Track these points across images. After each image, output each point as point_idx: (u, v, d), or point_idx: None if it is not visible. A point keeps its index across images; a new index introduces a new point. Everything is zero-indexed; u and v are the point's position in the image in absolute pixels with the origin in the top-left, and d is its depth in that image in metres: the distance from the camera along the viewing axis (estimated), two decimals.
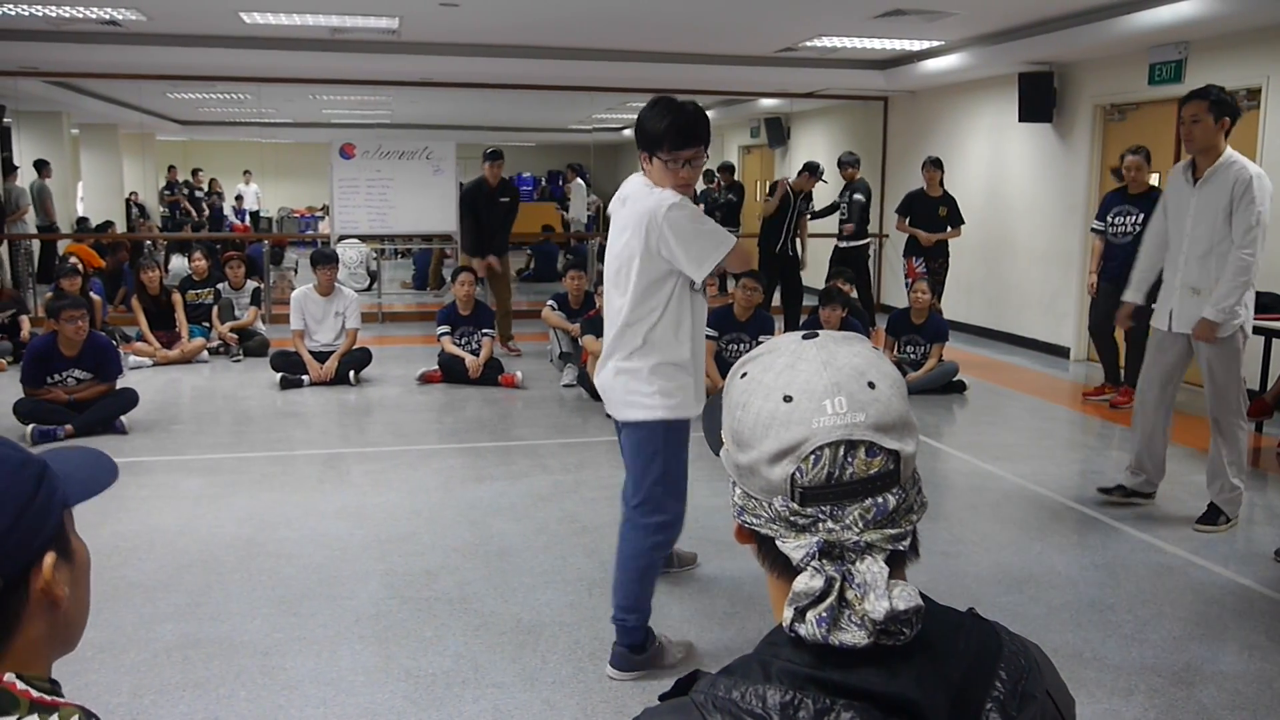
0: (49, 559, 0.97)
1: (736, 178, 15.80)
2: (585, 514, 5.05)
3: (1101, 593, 4.15)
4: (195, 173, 21.32)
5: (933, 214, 9.42)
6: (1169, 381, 4.99)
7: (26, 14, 8.61)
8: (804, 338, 0.98)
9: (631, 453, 3.44)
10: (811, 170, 9.98)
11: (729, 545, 4.55)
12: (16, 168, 13.21)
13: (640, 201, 3.27)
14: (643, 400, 3.34)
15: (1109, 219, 7.50)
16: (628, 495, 3.49)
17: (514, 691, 3.28)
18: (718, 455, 1.04)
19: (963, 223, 9.52)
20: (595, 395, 7.51)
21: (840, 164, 10.57)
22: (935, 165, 9.47)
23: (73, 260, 10.75)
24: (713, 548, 4.57)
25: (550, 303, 8.58)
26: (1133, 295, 5.11)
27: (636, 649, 3.43)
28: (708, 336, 7.44)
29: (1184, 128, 4.71)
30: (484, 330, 8.32)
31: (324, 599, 4.00)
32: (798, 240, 10.03)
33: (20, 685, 0.93)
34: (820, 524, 0.90)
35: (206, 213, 19.84)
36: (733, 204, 14.51)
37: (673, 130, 3.20)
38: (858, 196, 10.39)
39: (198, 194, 20.37)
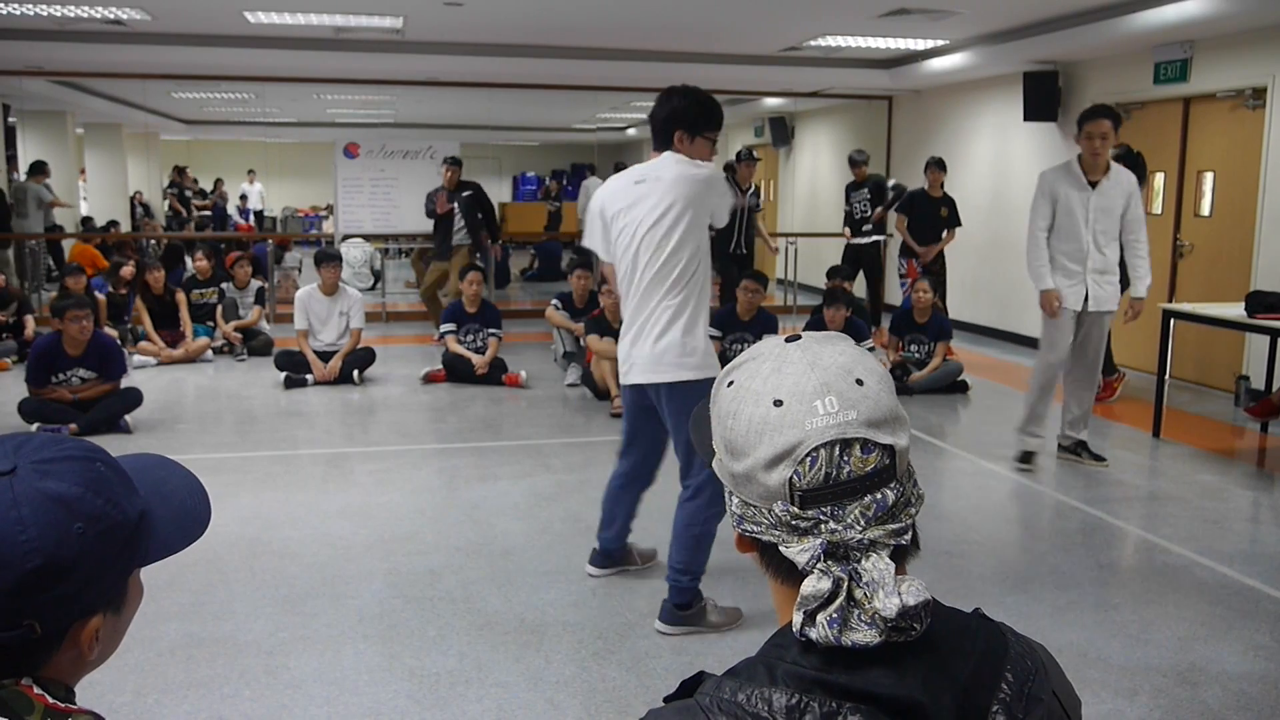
0: (94, 622, 0.98)
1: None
2: (589, 513, 5.04)
3: (1106, 592, 4.14)
4: (182, 171, 21.21)
5: (934, 215, 9.41)
6: (1067, 353, 5.77)
7: (31, 13, 8.62)
8: (786, 341, 0.97)
9: (683, 417, 3.60)
10: (746, 158, 9.87)
11: (731, 547, 4.54)
12: (43, 164, 13.23)
13: (683, 168, 3.63)
14: (692, 360, 3.63)
15: None
16: (686, 471, 3.75)
17: (517, 691, 3.28)
18: (709, 466, 1.03)
19: (960, 225, 9.51)
20: (599, 394, 7.51)
21: (851, 162, 10.49)
22: (938, 166, 9.45)
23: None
24: (716, 549, 4.55)
25: (554, 302, 8.57)
26: (1050, 282, 5.65)
27: (683, 606, 3.68)
28: (710, 337, 7.47)
29: (1091, 143, 5.43)
30: (490, 329, 8.32)
31: (328, 598, 4.00)
32: (752, 240, 9.88)
33: (36, 690, 0.93)
34: (822, 525, 0.89)
35: (194, 213, 19.75)
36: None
37: (718, 113, 3.79)
38: (890, 185, 10.40)
39: (186, 193, 20.31)
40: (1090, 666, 3.48)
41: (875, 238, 10.49)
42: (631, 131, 22.79)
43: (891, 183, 10.56)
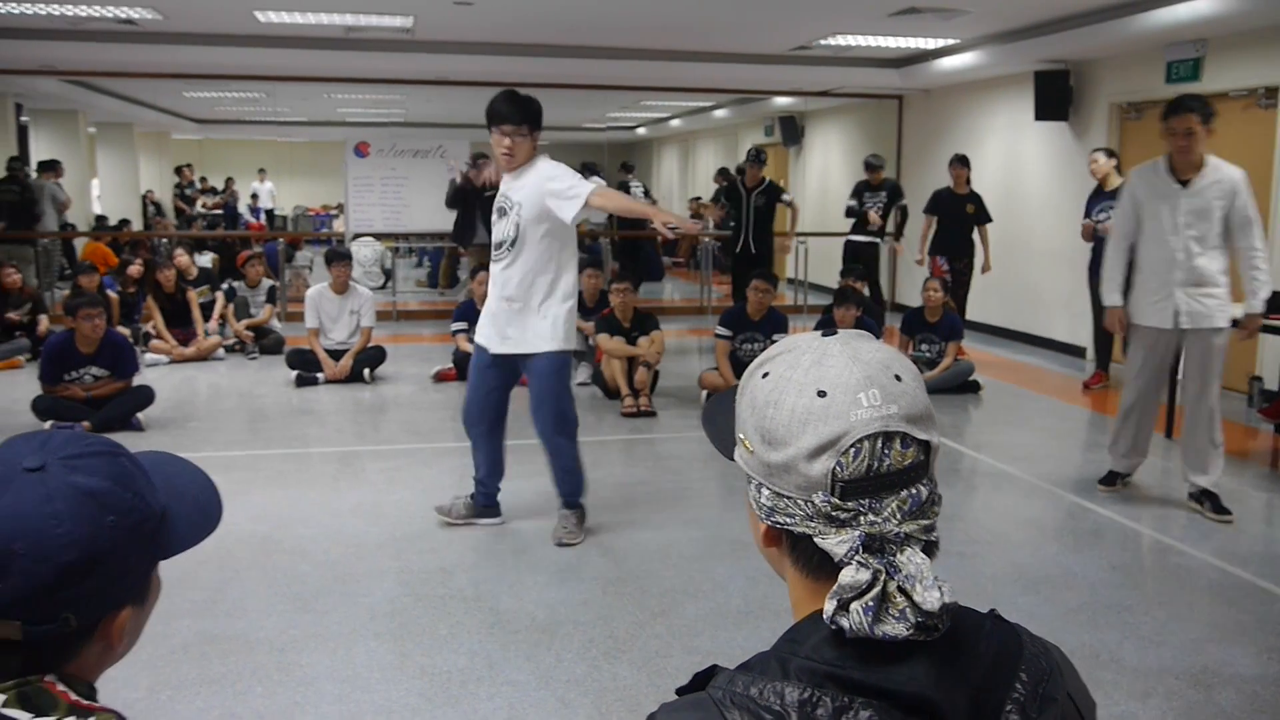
0: (124, 615, 1.00)
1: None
2: (599, 512, 5.05)
3: (1119, 594, 4.13)
4: (181, 169, 21.21)
5: (960, 212, 9.30)
6: (1163, 377, 5.23)
7: (44, 13, 8.66)
8: (823, 335, 0.98)
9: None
10: (752, 158, 9.86)
11: (743, 545, 4.55)
12: (57, 163, 13.27)
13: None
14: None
15: (1094, 216, 7.87)
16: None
17: (528, 689, 3.29)
18: (729, 458, 1.03)
19: (990, 220, 9.41)
20: (609, 394, 7.51)
21: (868, 166, 10.40)
22: (962, 163, 9.34)
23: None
24: (727, 548, 4.57)
25: None
26: (1117, 298, 5.16)
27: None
28: (721, 336, 7.49)
29: (1176, 139, 4.82)
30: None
31: (339, 596, 4.01)
32: (765, 238, 9.87)
33: (60, 687, 0.95)
34: (861, 517, 0.90)
35: (194, 209, 19.74)
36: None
37: (492, 109, 4.44)
38: (903, 202, 10.38)
39: (187, 191, 20.34)
40: (1103, 668, 3.47)
41: (876, 239, 10.48)
42: (641, 130, 22.79)
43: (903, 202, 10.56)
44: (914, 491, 0.91)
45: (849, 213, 10.64)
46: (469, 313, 8.35)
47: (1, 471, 0.95)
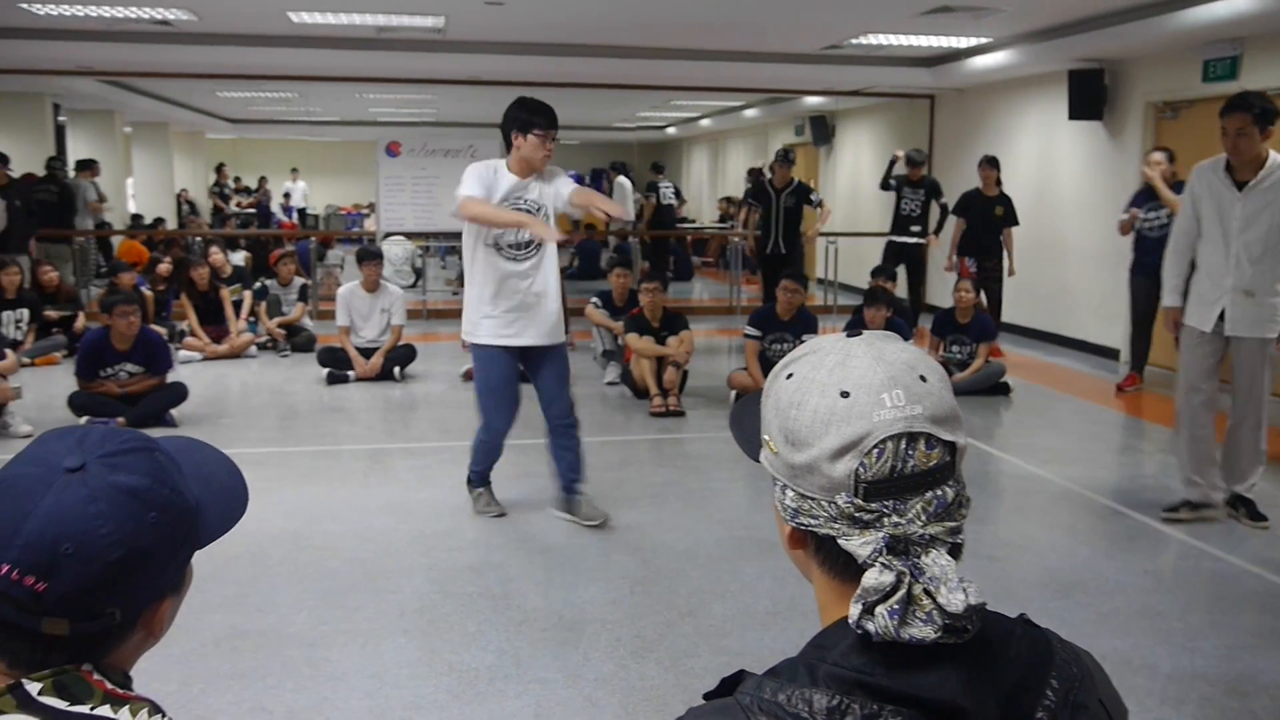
0: (166, 605, 1.04)
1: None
2: (628, 511, 5.05)
3: (1151, 599, 4.09)
4: (220, 168, 21.45)
5: (988, 214, 9.23)
6: (1210, 382, 4.89)
7: (81, 14, 8.77)
8: (848, 336, 0.98)
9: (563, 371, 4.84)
10: (781, 158, 9.79)
11: (771, 546, 4.53)
12: (94, 163, 13.45)
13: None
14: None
15: (1143, 212, 7.69)
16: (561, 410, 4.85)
17: (556, 688, 3.29)
18: (755, 460, 1.03)
19: (1017, 223, 9.32)
20: (638, 393, 7.52)
21: (910, 161, 10.23)
22: (991, 164, 9.26)
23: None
24: (755, 548, 4.56)
25: (594, 300, 8.59)
26: (1175, 299, 4.98)
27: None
28: (750, 336, 7.47)
29: (1227, 139, 4.63)
30: None
31: (369, 592, 4.03)
32: (794, 239, 9.81)
33: (96, 676, 0.96)
34: (885, 519, 0.89)
35: (230, 208, 19.98)
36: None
37: (547, 111, 4.63)
38: (944, 201, 10.21)
39: (225, 190, 20.59)
40: (1136, 674, 3.43)
41: (920, 239, 10.31)
42: (671, 130, 22.77)
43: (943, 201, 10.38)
44: (939, 493, 0.90)
45: (884, 185, 10.33)
46: None
47: (41, 472, 0.96)
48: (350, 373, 8.19)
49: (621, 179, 16.06)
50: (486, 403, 4.80)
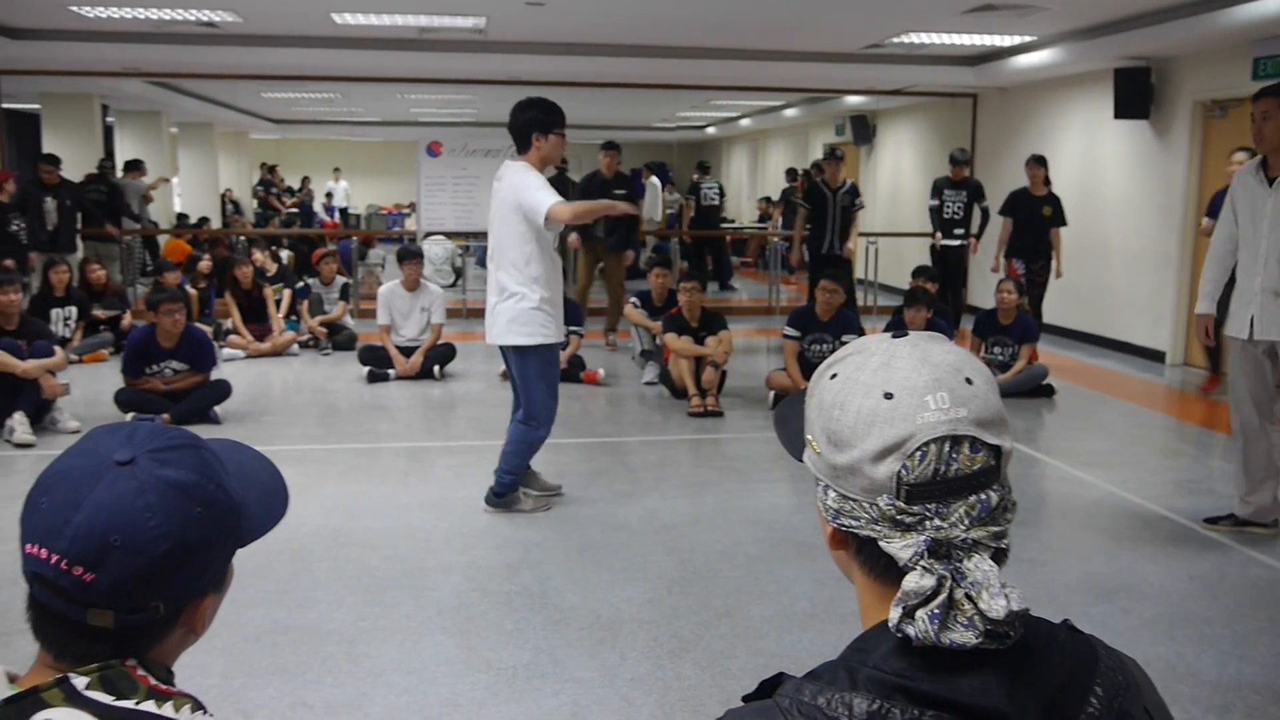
0: (208, 602, 1.06)
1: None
2: (666, 511, 5.05)
3: (1197, 606, 4.02)
4: (273, 169, 21.74)
5: (1036, 214, 9.08)
6: (1264, 392, 4.69)
7: (129, 16, 8.91)
8: (894, 337, 0.97)
9: (519, 367, 4.73)
10: (832, 156, 9.73)
11: (810, 547, 4.52)
12: (140, 163, 13.66)
13: (510, 176, 4.68)
14: (522, 329, 4.64)
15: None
16: (517, 405, 4.85)
17: (593, 687, 3.30)
18: (799, 459, 1.02)
19: (1065, 224, 9.17)
20: (676, 393, 7.51)
21: (953, 160, 10.08)
22: (1039, 163, 9.09)
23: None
24: (793, 549, 4.54)
25: (633, 300, 8.59)
26: (1206, 306, 4.84)
27: (500, 495, 4.90)
28: (789, 336, 7.44)
29: (1254, 126, 4.51)
30: (572, 327, 8.34)
31: (408, 589, 4.06)
32: (848, 239, 9.76)
33: (140, 671, 0.98)
34: (927, 522, 0.88)
35: (287, 211, 20.26)
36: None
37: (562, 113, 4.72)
38: (985, 204, 10.07)
39: (273, 190, 20.86)
40: (1180, 681, 3.38)
41: (963, 241, 10.20)
42: (711, 130, 22.73)
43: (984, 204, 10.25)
44: (983, 497, 0.89)
45: (932, 212, 10.32)
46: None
47: (93, 465, 0.98)
48: (390, 371, 8.25)
49: (653, 179, 16.04)
50: (550, 403, 4.78)
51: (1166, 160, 9.40)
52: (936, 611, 0.85)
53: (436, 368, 8.36)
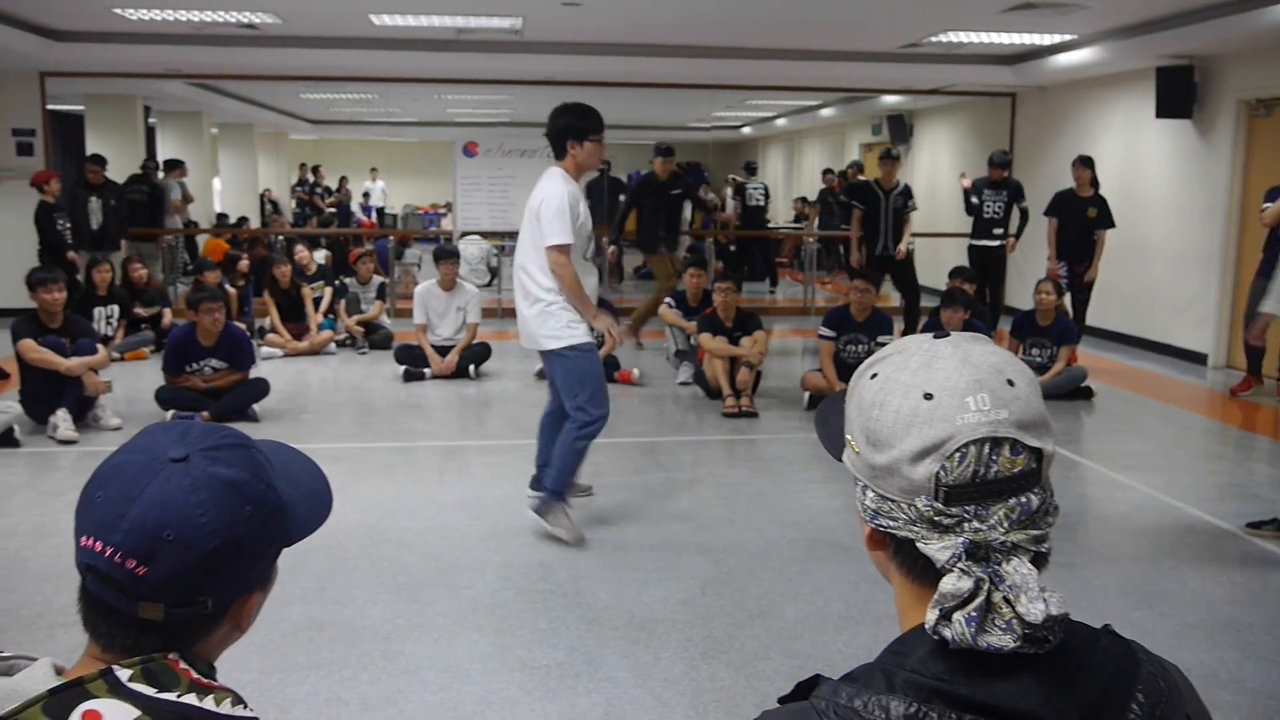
0: (254, 599, 1.07)
1: (862, 176, 15.47)
2: (700, 512, 5.04)
3: (1240, 612, 3.96)
4: (316, 169, 21.99)
5: (1081, 215, 8.96)
6: None
7: (171, 19, 9.03)
8: (935, 337, 0.96)
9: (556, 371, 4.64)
10: (885, 156, 9.67)
11: (844, 549, 4.49)
12: (181, 163, 13.82)
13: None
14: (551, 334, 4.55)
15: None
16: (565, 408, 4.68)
17: (626, 686, 3.30)
18: (838, 459, 1.02)
19: (1112, 225, 9.03)
20: (711, 393, 7.50)
21: (993, 163, 9.87)
22: (1085, 164, 8.94)
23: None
24: (828, 550, 4.52)
25: (668, 300, 8.59)
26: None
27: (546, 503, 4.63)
28: (824, 337, 7.40)
29: None
30: None
31: (443, 587, 4.08)
32: (900, 241, 9.70)
33: (183, 665, 0.99)
34: (965, 524, 0.87)
35: (329, 210, 20.50)
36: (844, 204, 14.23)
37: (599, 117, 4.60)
38: (1025, 205, 9.92)
39: (317, 190, 21.09)
40: (1222, 689, 3.33)
41: (1001, 242, 10.07)
42: (747, 130, 22.68)
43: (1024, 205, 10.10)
44: (1024, 500, 0.88)
45: (969, 210, 10.24)
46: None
47: (147, 461, 1.00)
48: (426, 370, 8.30)
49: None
50: (600, 398, 4.60)
51: (1210, 160, 9.26)
52: (974, 614, 0.84)
53: (472, 367, 8.39)
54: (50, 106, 11.75)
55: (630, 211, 10.24)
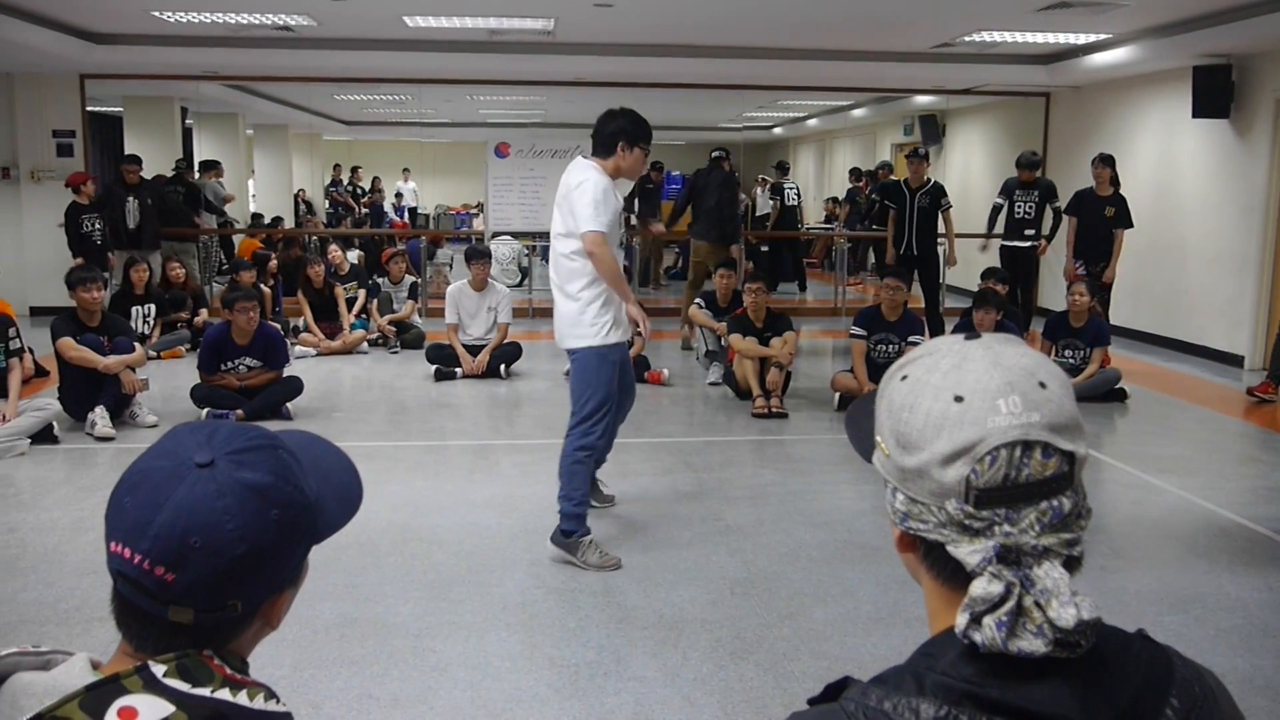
0: (284, 598, 1.08)
1: (893, 176, 15.38)
2: (729, 512, 5.04)
3: (1276, 616, 3.91)
4: (355, 170, 22.21)
5: (1099, 214, 8.91)
6: None
7: (209, 21, 9.13)
8: (966, 338, 0.95)
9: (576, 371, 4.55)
10: (912, 155, 9.63)
11: (874, 550, 4.48)
12: (217, 163, 13.98)
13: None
14: (582, 333, 4.48)
15: None
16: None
17: (655, 686, 3.31)
18: (869, 461, 1.02)
19: (1130, 225, 8.97)
20: (740, 394, 7.49)
21: (1021, 164, 9.82)
22: (1104, 162, 8.91)
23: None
24: (858, 552, 4.50)
25: (698, 300, 8.59)
26: None
27: (566, 534, 4.35)
28: (855, 336, 7.37)
29: None
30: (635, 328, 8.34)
31: (473, 585, 4.11)
32: (928, 240, 9.64)
33: (216, 661, 1.01)
34: (996, 527, 0.87)
35: (364, 211, 20.67)
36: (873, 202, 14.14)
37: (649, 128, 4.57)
38: (1056, 204, 9.81)
39: (357, 191, 21.27)
40: (1258, 695, 3.29)
41: (1034, 242, 9.98)
42: (778, 130, 22.61)
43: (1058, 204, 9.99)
44: (1055, 503, 0.87)
45: (995, 211, 10.18)
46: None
47: (173, 466, 1.01)
48: (458, 369, 8.34)
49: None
50: (600, 417, 4.45)
51: (1247, 160, 9.14)
52: (1004, 619, 0.84)
53: (503, 366, 8.43)
54: (90, 108, 11.90)
55: (688, 205, 10.30)
